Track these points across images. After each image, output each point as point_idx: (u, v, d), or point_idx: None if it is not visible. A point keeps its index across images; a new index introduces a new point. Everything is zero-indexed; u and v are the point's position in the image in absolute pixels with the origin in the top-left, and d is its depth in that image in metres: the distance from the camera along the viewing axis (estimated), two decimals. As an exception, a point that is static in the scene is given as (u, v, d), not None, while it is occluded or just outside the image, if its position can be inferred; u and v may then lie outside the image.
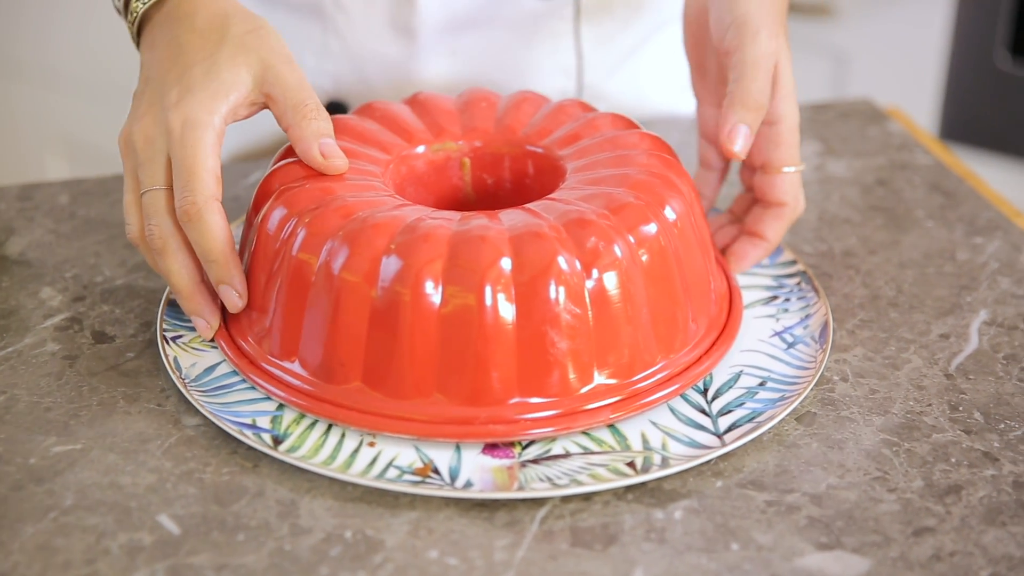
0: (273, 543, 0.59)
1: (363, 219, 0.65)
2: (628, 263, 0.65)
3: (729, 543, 0.59)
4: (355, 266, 0.64)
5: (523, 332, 0.63)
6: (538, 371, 0.64)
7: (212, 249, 0.66)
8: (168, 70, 0.69)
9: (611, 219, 0.65)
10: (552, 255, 0.63)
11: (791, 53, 0.74)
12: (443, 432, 0.64)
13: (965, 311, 0.76)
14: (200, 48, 0.69)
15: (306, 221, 0.66)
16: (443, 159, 0.75)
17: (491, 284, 0.63)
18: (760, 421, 0.66)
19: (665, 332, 0.67)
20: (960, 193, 0.89)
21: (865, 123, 0.99)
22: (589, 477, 0.62)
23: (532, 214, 0.66)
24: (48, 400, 0.68)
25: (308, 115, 0.69)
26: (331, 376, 0.65)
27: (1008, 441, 0.65)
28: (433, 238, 0.64)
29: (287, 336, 0.67)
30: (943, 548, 0.59)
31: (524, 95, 0.78)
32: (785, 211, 0.75)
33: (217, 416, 0.65)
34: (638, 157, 0.71)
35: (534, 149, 0.75)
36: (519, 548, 0.59)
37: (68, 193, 0.88)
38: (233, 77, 0.68)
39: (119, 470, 0.63)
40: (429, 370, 0.64)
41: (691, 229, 0.69)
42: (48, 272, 0.79)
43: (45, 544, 0.58)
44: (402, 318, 0.63)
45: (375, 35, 0.91)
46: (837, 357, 0.72)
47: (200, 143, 0.66)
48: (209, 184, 0.66)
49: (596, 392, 0.65)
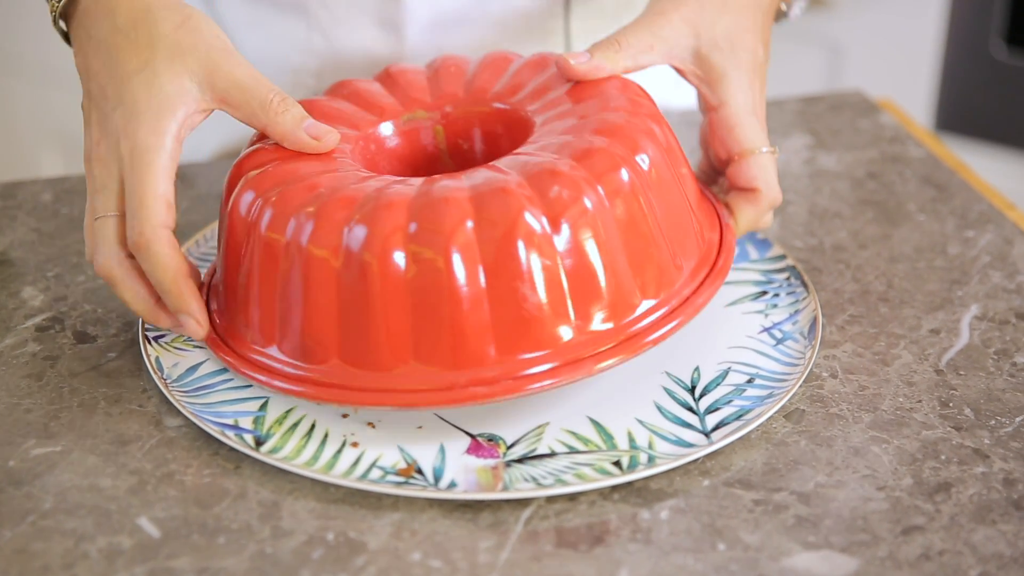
0: (254, 546, 0.58)
1: (327, 193, 0.64)
2: (597, 210, 0.63)
3: (716, 543, 0.58)
4: (320, 239, 0.63)
5: (494, 290, 0.62)
6: (514, 328, 0.62)
7: (163, 280, 0.65)
8: (105, 83, 0.66)
9: (577, 168, 0.64)
10: (518, 210, 0.62)
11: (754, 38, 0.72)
12: (424, 400, 0.62)
13: (956, 306, 0.75)
14: (131, 53, 0.66)
15: (272, 200, 0.65)
16: (415, 129, 0.74)
17: (457, 245, 0.61)
18: (748, 419, 0.65)
19: (647, 276, 0.65)
20: (952, 186, 0.88)
21: (856, 115, 0.99)
22: (575, 477, 0.61)
23: (496, 171, 0.65)
24: (28, 401, 0.67)
25: (278, 109, 0.67)
26: (309, 356, 0.64)
27: (999, 438, 0.65)
28: (396, 205, 0.62)
29: (265, 322, 0.66)
30: (932, 547, 0.58)
31: (493, 56, 0.77)
32: (756, 197, 0.72)
33: (199, 417, 0.64)
34: (609, 102, 0.69)
35: (503, 107, 0.73)
36: (503, 550, 0.58)
37: (51, 191, 0.87)
38: (177, 88, 0.65)
39: (99, 472, 0.62)
40: (404, 339, 0.62)
41: (668, 170, 0.67)
42: (30, 271, 0.78)
43: (23, 548, 0.58)
44: (371, 288, 0.62)
45: (360, 32, 0.90)
46: (826, 353, 0.71)
47: (150, 169, 0.64)
48: (158, 212, 0.64)
49: (582, 342, 0.63)
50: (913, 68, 2.00)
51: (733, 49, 0.72)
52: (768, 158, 0.72)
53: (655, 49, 0.71)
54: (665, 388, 0.68)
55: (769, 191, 0.72)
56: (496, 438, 0.64)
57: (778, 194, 0.73)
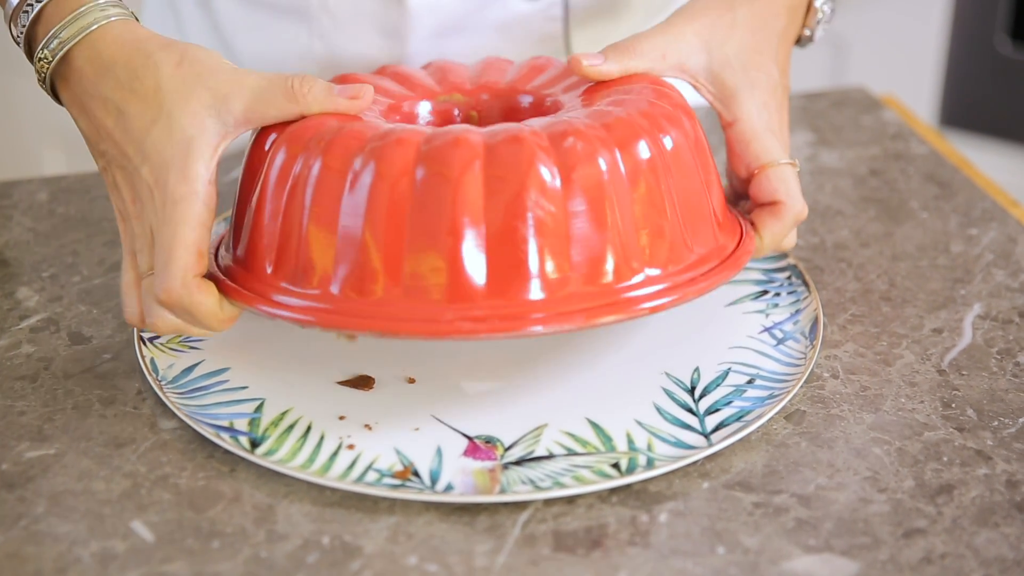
0: (249, 550, 0.58)
1: (338, 128, 0.64)
2: (611, 170, 0.62)
3: (715, 546, 0.58)
4: (329, 168, 0.62)
5: (494, 228, 0.61)
6: (510, 271, 0.61)
7: (208, 325, 0.64)
8: (122, 142, 0.65)
9: (598, 129, 0.63)
10: (530, 156, 0.61)
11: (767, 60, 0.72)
12: (409, 328, 0.61)
13: (959, 305, 0.75)
14: (142, 106, 0.64)
15: (285, 135, 0.64)
16: (449, 110, 0.74)
17: (465, 181, 0.60)
18: (748, 420, 0.64)
19: (655, 244, 0.64)
20: (955, 183, 0.88)
21: (859, 112, 0.98)
22: (572, 479, 0.61)
23: (515, 124, 0.64)
24: (22, 404, 0.66)
25: (303, 89, 0.65)
26: (307, 282, 0.63)
27: (1001, 439, 0.64)
28: (406, 141, 0.62)
29: (264, 247, 0.65)
30: (934, 550, 0.57)
31: (536, 59, 0.77)
32: (779, 209, 0.71)
33: (194, 419, 0.64)
34: (644, 95, 0.68)
35: (536, 98, 0.73)
36: (500, 554, 0.57)
37: (47, 190, 0.87)
38: (197, 129, 0.64)
39: (93, 475, 0.62)
40: (397, 267, 0.61)
41: (691, 159, 0.66)
42: (25, 272, 0.78)
43: (15, 552, 0.57)
44: (372, 211, 0.61)
45: (362, 38, 0.89)
46: (828, 353, 0.70)
47: (183, 220, 0.63)
48: (186, 265, 0.63)
49: (576, 295, 0.62)
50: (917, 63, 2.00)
51: (745, 69, 0.71)
52: (788, 169, 0.71)
53: (667, 59, 0.71)
54: (664, 389, 0.67)
55: (792, 203, 0.71)
56: (494, 440, 0.64)
57: (803, 206, 0.71)
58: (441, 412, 0.66)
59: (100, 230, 0.82)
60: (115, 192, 0.66)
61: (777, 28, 0.73)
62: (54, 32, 0.65)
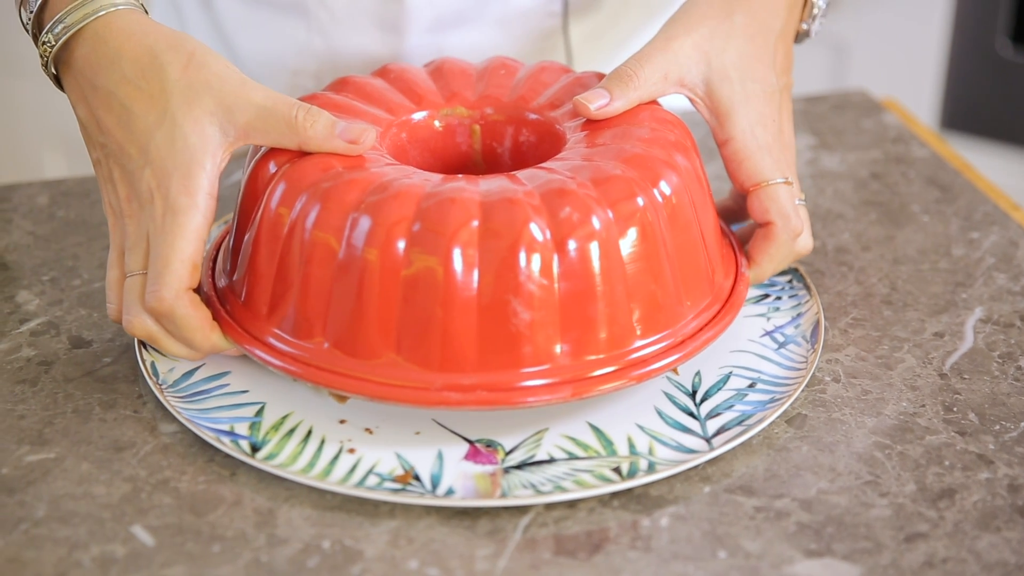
0: (250, 554, 0.57)
1: (339, 175, 0.64)
2: (605, 237, 0.63)
3: (716, 551, 0.58)
4: (325, 221, 0.63)
5: (486, 299, 0.61)
6: (500, 341, 0.62)
7: (192, 339, 0.65)
8: (124, 141, 0.65)
9: (592, 191, 0.63)
10: (523, 223, 0.61)
11: (764, 67, 0.72)
12: (396, 395, 0.62)
13: (960, 308, 0.74)
14: (146, 106, 0.64)
15: (285, 172, 0.65)
16: (452, 125, 0.74)
17: (459, 247, 0.61)
18: (749, 424, 0.64)
19: (646, 312, 0.64)
20: (956, 186, 0.88)
21: (860, 115, 0.98)
22: (574, 483, 0.61)
23: (512, 180, 0.64)
24: (22, 407, 0.66)
25: (305, 123, 0.65)
26: (299, 333, 0.64)
27: (1003, 443, 0.64)
28: (403, 197, 0.62)
29: (262, 294, 0.65)
30: (936, 555, 0.57)
31: (543, 65, 0.76)
32: (772, 231, 0.71)
33: (194, 423, 0.64)
34: (641, 131, 0.68)
35: (541, 118, 0.73)
36: (501, 558, 0.57)
37: (47, 194, 0.87)
38: (199, 138, 0.64)
39: (93, 479, 0.61)
40: (389, 330, 0.62)
41: (688, 206, 0.67)
42: (25, 275, 0.78)
43: (15, 557, 0.57)
44: (366, 276, 0.62)
45: (360, 33, 0.89)
46: (829, 357, 0.70)
47: (181, 231, 0.63)
48: (182, 277, 0.63)
49: (564, 367, 0.63)
50: (918, 66, 2.00)
51: (743, 79, 0.71)
52: (780, 189, 0.70)
53: (669, 78, 0.71)
54: (666, 393, 0.67)
55: (784, 223, 0.70)
56: (494, 444, 0.64)
57: (797, 225, 0.71)
58: (442, 416, 0.65)
59: (100, 234, 0.81)
60: (109, 186, 0.66)
61: (776, 28, 0.73)
62: (60, 16, 0.65)
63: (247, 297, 0.66)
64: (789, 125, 0.73)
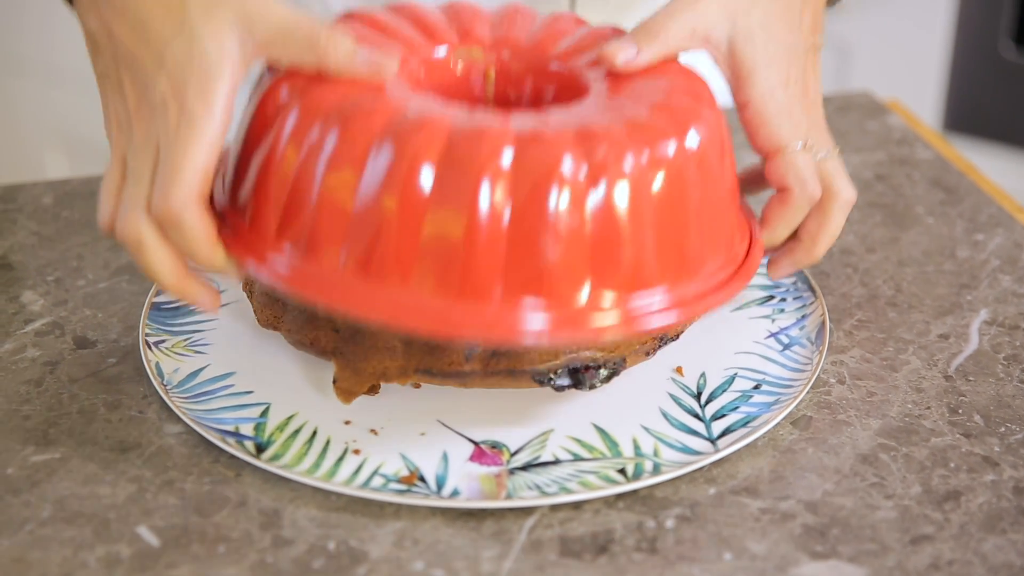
0: (255, 555, 0.57)
1: (360, 101, 0.61)
2: (637, 179, 0.60)
3: (722, 552, 0.58)
4: (347, 149, 0.60)
5: (515, 234, 0.59)
6: (526, 278, 0.59)
7: (197, 250, 0.62)
8: (136, 49, 0.63)
9: (626, 133, 0.61)
10: (556, 159, 0.59)
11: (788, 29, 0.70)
12: (415, 321, 0.59)
13: (965, 310, 0.74)
14: (163, 16, 0.62)
15: (301, 95, 0.62)
16: (466, 66, 0.71)
17: (488, 177, 0.58)
18: (754, 426, 0.64)
19: (671, 259, 0.62)
20: (961, 188, 0.87)
21: (864, 117, 0.98)
22: (579, 485, 0.61)
23: (544, 117, 0.62)
24: (27, 408, 0.66)
25: (327, 44, 0.62)
26: (311, 255, 0.61)
27: (1009, 445, 0.64)
28: (431, 126, 0.60)
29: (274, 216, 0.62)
30: (941, 557, 0.57)
31: (558, 15, 0.74)
32: (789, 197, 0.69)
33: (199, 423, 0.64)
34: (667, 83, 0.66)
35: (562, 65, 0.70)
36: (506, 559, 0.57)
37: (52, 194, 0.87)
38: (218, 48, 0.62)
39: (98, 480, 0.61)
40: (410, 257, 0.59)
41: (716, 163, 0.65)
42: (30, 276, 0.78)
43: (20, 558, 0.57)
44: (391, 198, 0.59)
45: None
46: (834, 359, 0.70)
47: (196, 139, 0.61)
48: (192, 184, 0.61)
49: (585, 309, 0.60)
50: (922, 68, 1.99)
51: (767, 41, 0.69)
52: (799, 155, 0.69)
53: (696, 34, 0.69)
54: (671, 394, 0.67)
55: (802, 189, 0.69)
56: (500, 445, 0.64)
57: (814, 191, 0.69)
58: (447, 417, 0.65)
59: (105, 234, 0.81)
60: (118, 95, 0.64)
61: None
62: None
63: (257, 220, 0.63)
64: (816, 84, 0.72)
